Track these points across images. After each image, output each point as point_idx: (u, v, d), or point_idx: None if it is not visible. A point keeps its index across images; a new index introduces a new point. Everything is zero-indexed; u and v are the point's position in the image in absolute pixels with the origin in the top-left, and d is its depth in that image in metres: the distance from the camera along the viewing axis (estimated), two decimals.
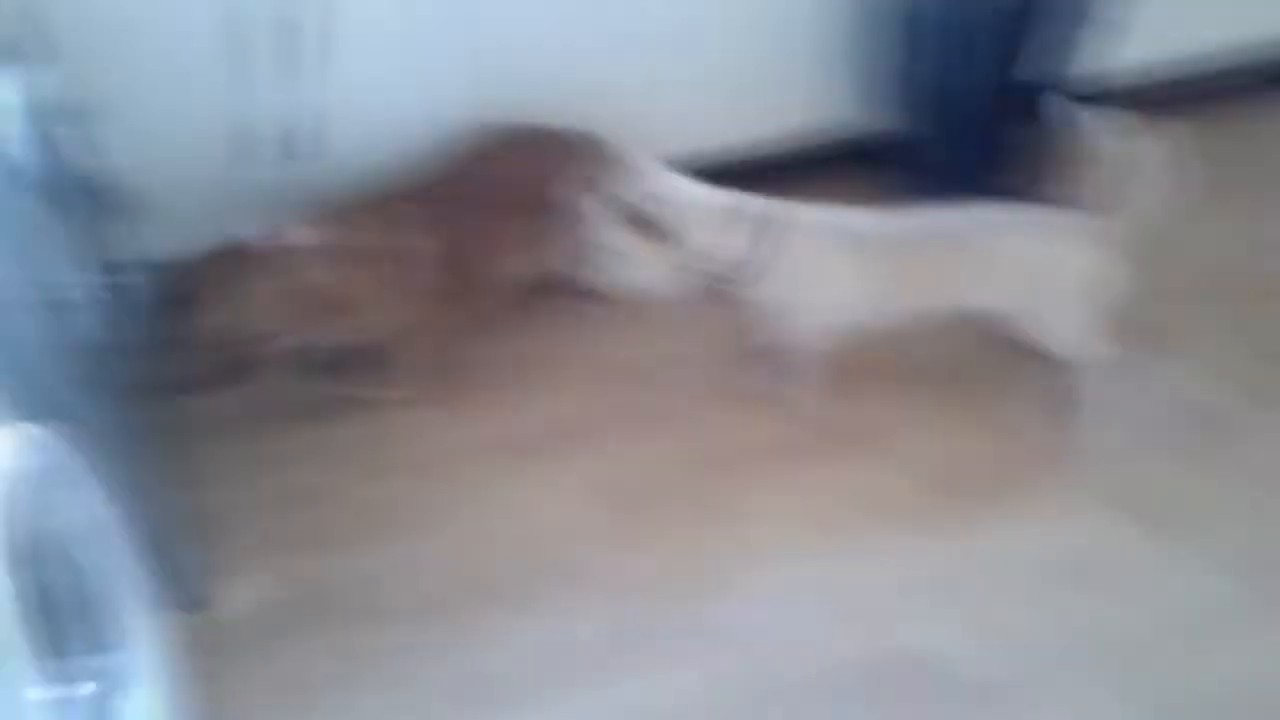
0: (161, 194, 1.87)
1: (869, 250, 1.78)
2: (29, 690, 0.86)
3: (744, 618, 1.62)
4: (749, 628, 1.61)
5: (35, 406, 1.20)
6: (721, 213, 1.75)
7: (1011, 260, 1.77)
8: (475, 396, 1.99)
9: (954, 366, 2.06)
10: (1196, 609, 1.62)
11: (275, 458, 1.87)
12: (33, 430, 1.05)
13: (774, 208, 1.77)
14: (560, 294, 2.08)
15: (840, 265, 1.77)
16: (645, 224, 1.70)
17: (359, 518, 1.77)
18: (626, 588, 1.67)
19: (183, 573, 1.54)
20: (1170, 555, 1.70)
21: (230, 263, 1.66)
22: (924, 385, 2.02)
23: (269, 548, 1.72)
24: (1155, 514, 1.76)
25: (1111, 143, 1.70)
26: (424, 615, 1.63)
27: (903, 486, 1.82)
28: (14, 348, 1.16)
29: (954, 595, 1.65)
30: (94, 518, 1.19)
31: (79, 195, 1.61)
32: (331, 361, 1.97)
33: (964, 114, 2.10)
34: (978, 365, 2.05)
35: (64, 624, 1.10)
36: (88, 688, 1.09)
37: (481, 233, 1.94)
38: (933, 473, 1.84)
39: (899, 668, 1.55)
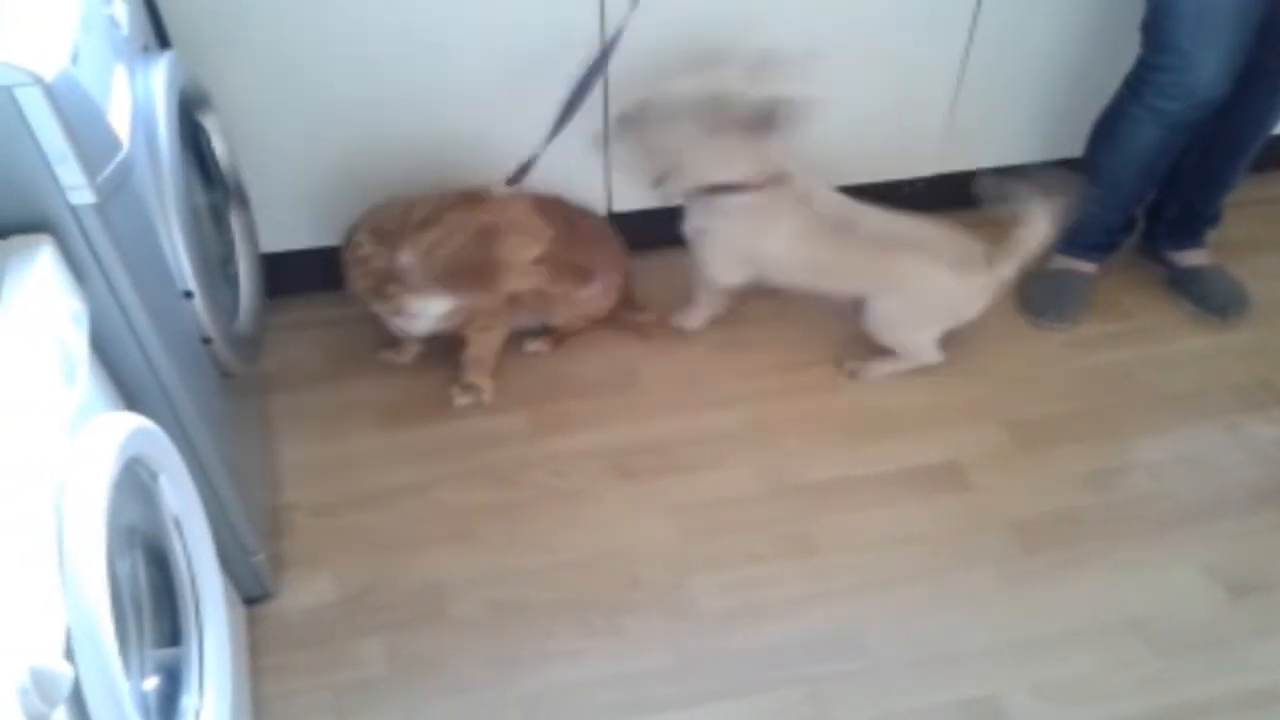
0: (278, 187, 1.91)
1: (815, 222, 1.90)
2: (118, 679, 0.85)
3: (811, 652, 1.58)
4: (815, 663, 1.57)
5: (138, 394, 1.22)
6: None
7: (905, 270, 1.91)
8: (561, 409, 1.98)
9: (1047, 411, 1.99)
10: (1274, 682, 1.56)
11: (359, 456, 1.89)
12: (134, 419, 1.06)
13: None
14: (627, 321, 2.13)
15: (786, 225, 1.90)
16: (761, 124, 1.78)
17: (434, 522, 1.77)
18: (696, 614, 1.64)
19: (251, 565, 1.55)
20: (1253, 623, 1.63)
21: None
22: (1020, 430, 1.95)
23: (342, 545, 1.73)
24: (1242, 579, 1.69)
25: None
26: (491, 626, 1.62)
27: (987, 529, 1.77)
28: (125, 336, 1.18)
29: (1029, 647, 1.60)
30: (184, 508, 1.20)
31: (209, 184, 1.65)
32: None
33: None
34: (1076, 414, 1.99)
35: (138, 615, 1.10)
36: (151, 682, 1.09)
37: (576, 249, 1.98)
38: (1018, 517, 1.78)
39: (965, 718, 1.50)
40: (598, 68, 1.77)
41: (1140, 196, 2.14)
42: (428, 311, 1.82)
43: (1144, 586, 1.68)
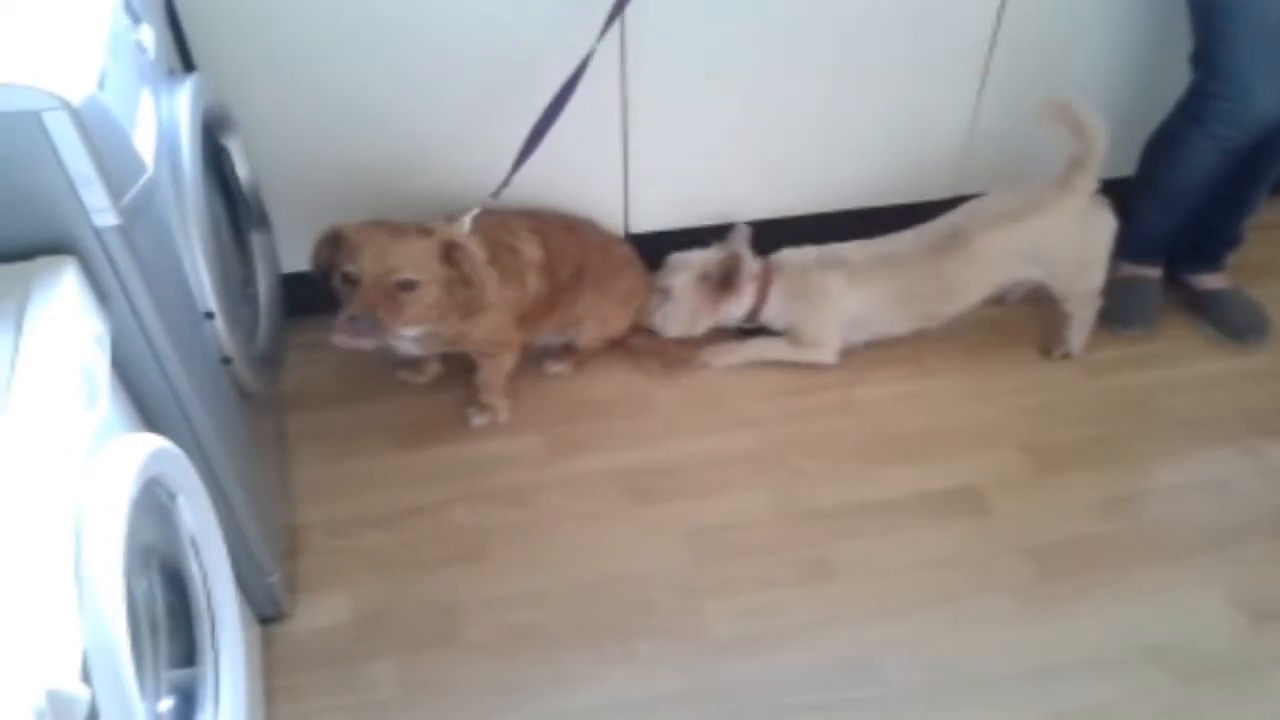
0: (298, 208, 1.93)
1: (861, 273, 2.02)
2: (134, 702, 0.85)
3: (825, 679, 1.57)
4: (830, 690, 1.56)
5: (158, 415, 1.23)
6: (759, 266, 2.08)
7: (1015, 242, 1.98)
8: (576, 431, 1.98)
9: (1064, 436, 1.97)
10: None
11: (375, 476, 1.89)
12: (153, 440, 1.07)
13: (771, 259, 2.10)
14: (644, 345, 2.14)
15: (835, 291, 2.03)
16: (720, 282, 2.05)
17: (450, 543, 1.77)
18: (709, 640, 1.63)
19: (267, 585, 1.56)
20: (1275, 650, 1.61)
21: (336, 242, 1.68)
22: (1038, 455, 1.93)
23: (357, 566, 1.74)
24: (1263, 605, 1.67)
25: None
26: (504, 650, 1.61)
27: (1005, 554, 1.75)
28: (146, 357, 1.19)
29: (1048, 674, 1.58)
30: (201, 529, 1.20)
31: (231, 206, 1.66)
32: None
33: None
34: (1094, 438, 1.98)
35: (154, 636, 1.11)
36: (166, 703, 1.09)
37: (587, 271, 1.99)
38: (1036, 543, 1.77)
39: None
40: (565, 94, 1.77)
41: (1198, 208, 2.13)
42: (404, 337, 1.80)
43: (1164, 613, 1.66)
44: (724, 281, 2.03)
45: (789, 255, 2.10)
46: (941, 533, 1.79)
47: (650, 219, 2.16)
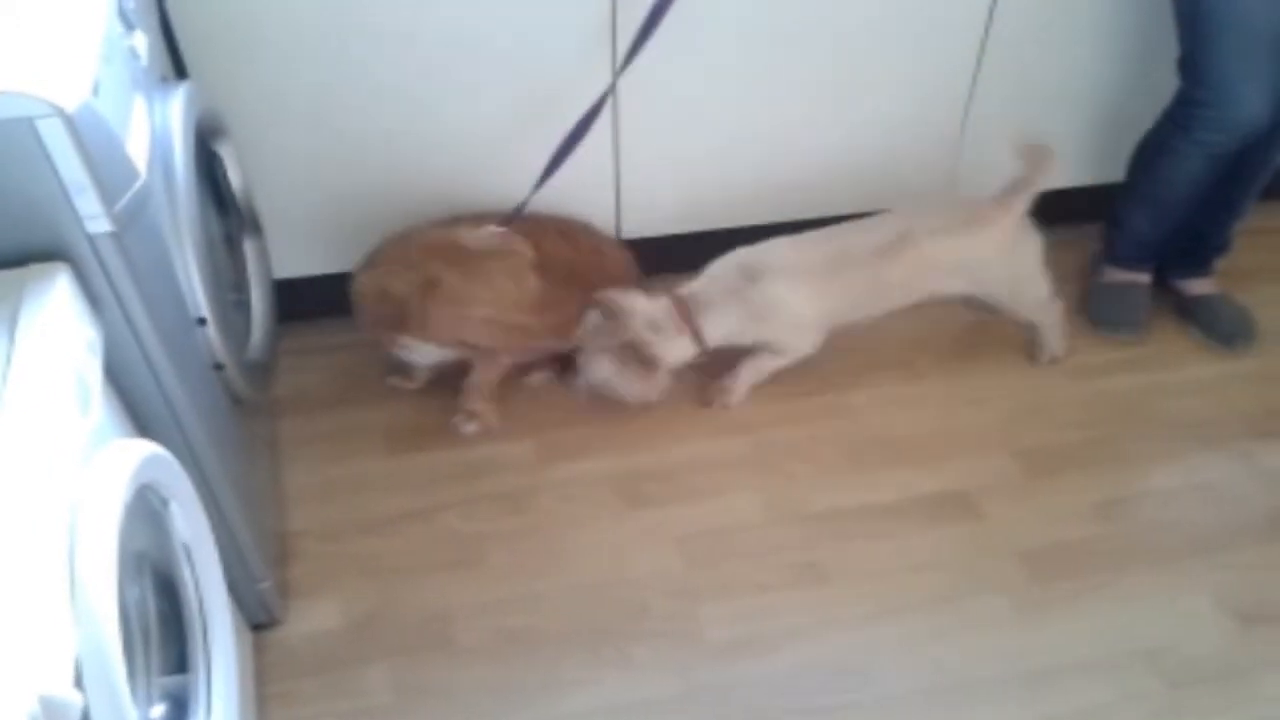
0: (290, 215, 1.93)
1: (803, 276, 1.92)
2: (127, 708, 0.85)
3: (819, 682, 1.57)
4: (823, 693, 1.56)
5: (150, 421, 1.23)
6: (665, 310, 1.89)
7: (948, 255, 1.93)
8: (568, 435, 1.98)
9: (1055, 440, 1.98)
10: None
11: (367, 482, 1.89)
12: (146, 445, 1.07)
13: (678, 290, 1.92)
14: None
15: (782, 299, 1.91)
16: (638, 354, 1.87)
17: (442, 547, 1.77)
18: (704, 644, 1.63)
19: (259, 592, 1.55)
20: (1265, 654, 1.62)
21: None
22: (1029, 458, 1.94)
23: (349, 571, 1.73)
24: (1253, 609, 1.68)
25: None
26: (498, 654, 1.61)
27: (996, 558, 1.76)
28: (139, 363, 1.19)
29: (1040, 678, 1.58)
30: (194, 535, 1.20)
31: (223, 212, 1.66)
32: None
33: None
34: (1085, 442, 1.99)
35: (146, 642, 1.10)
36: (158, 710, 1.09)
37: (578, 276, 1.99)
38: (1028, 546, 1.77)
39: None
40: (586, 122, 1.82)
41: (1188, 214, 2.14)
42: (422, 348, 1.82)
43: (1155, 617, 1.67)
44: (645, 361, 1.87)
45: (711, 273, 1.94)
46: (933, 536, 1.79)
47: (642, 225, 2.16)
